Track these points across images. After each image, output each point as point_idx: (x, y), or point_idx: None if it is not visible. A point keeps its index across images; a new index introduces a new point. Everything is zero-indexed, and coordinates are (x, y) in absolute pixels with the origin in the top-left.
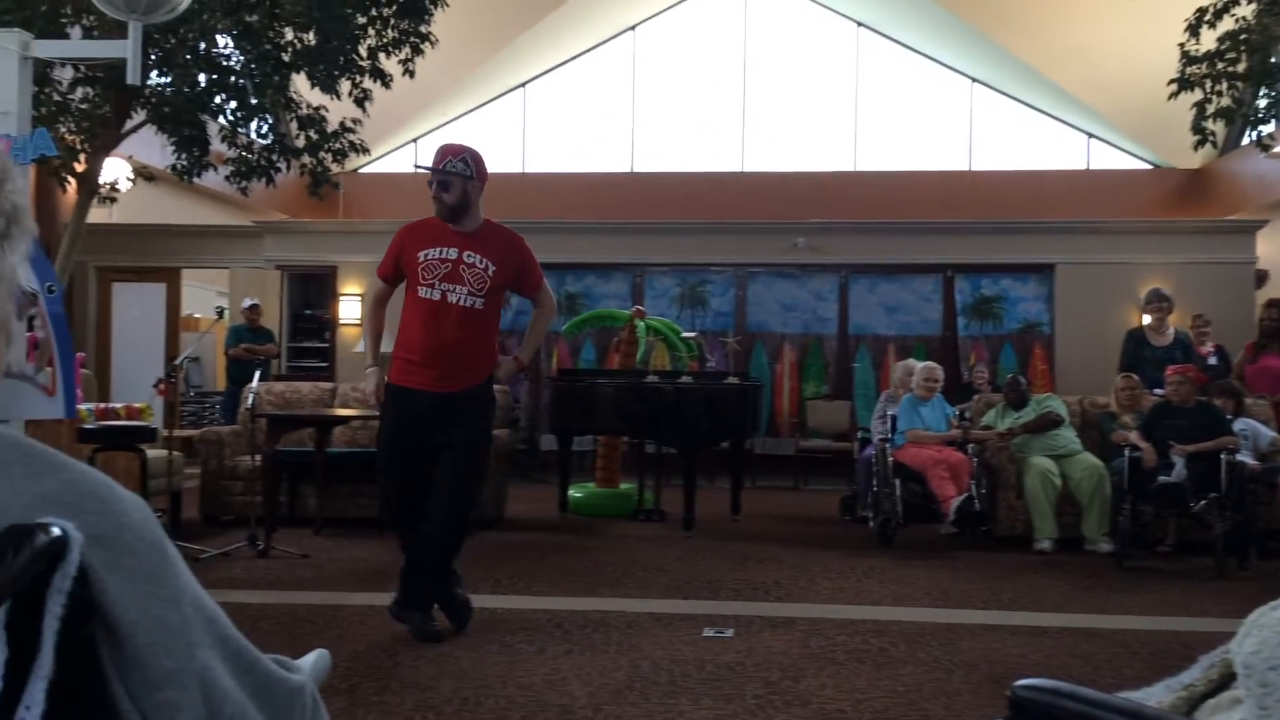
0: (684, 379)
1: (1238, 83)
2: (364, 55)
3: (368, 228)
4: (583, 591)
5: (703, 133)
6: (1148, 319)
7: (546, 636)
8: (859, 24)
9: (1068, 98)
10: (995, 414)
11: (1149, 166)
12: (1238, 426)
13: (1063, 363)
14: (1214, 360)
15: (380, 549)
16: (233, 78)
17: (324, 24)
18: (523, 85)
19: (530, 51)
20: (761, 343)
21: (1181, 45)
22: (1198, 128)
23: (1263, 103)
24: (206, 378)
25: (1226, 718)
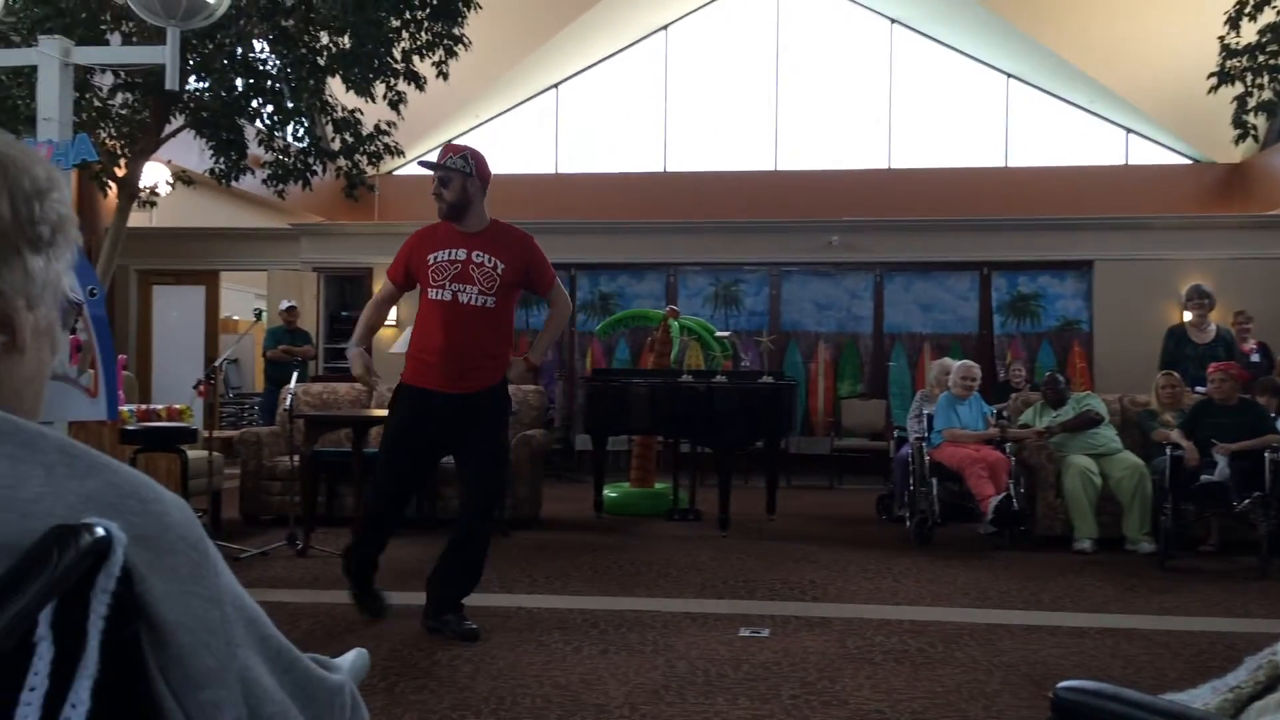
0: (718, 378)
1: (1279, 75)
2: (398, 58)
3: (402, 229)
4: (618, 591)
5: (735, 131)
6: (1189, 316)
7: (583, 636)
8: (892, 20)
9: (1105, 92)
10: (1033, 412)
11: (1188, 161)
12: None
13: (1102, 360)
14: (1257, 357)
15: (417, 548)
16: (269, 82)
17: (358, 27)
18: (555, 86)
19: (563, 52)
20: (796, 341)
21: (1221, 38)
22: (1238, 121)
23: None
24: (245, 379)
25: None
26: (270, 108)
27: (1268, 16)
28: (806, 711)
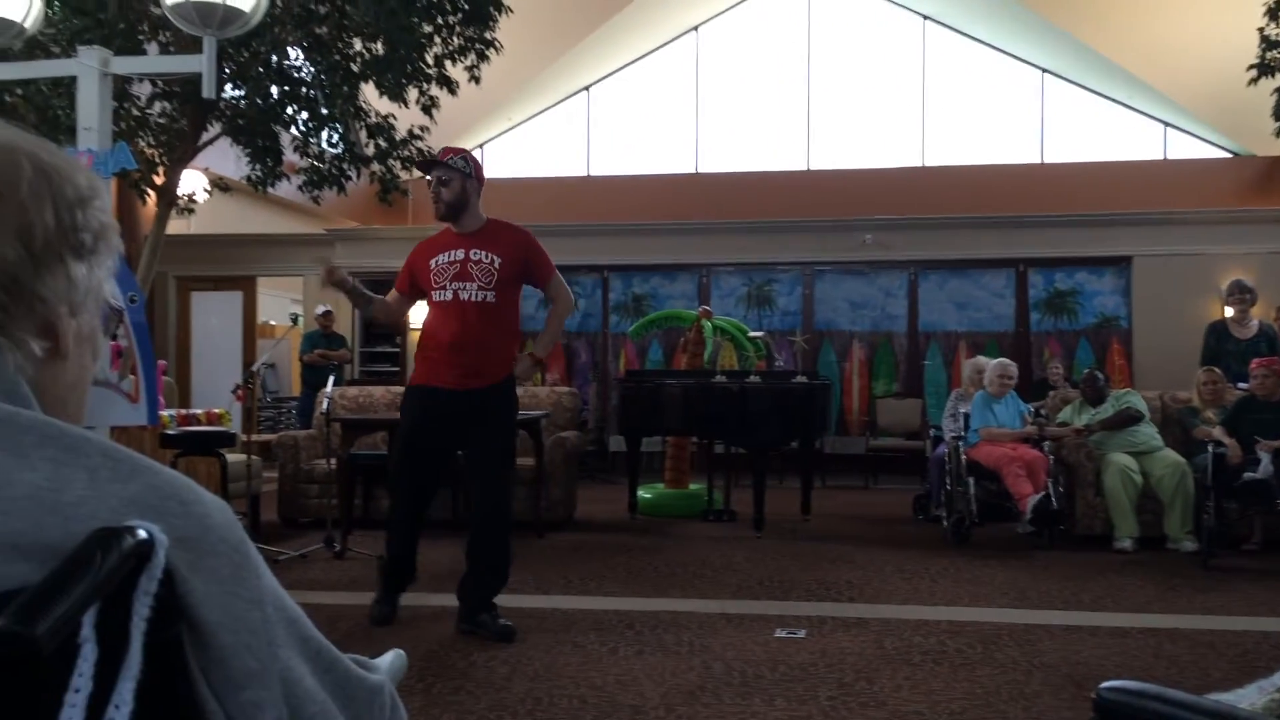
0: (752, 379)
1: None
2: (430, 63)
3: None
4: (653, 592)
5: (768, 131)
6: (1230, 311)
7: (618, 637)
8: (925, 17)
9: (1142, 86)
10: (1072, 410)
11: (1228, 155)
12: None
13: (1141, 357)
14: None
15: (454, 550)
16: (304, 89)
17: (391, 34)
18: (586, 88)
19: (594, 54)
20: (829, 341)
21: (1261, 30)
22: (1279, 114)
23: None
24: (282, 383)
25: None
26: (305, 114)
27: None
28: (844, 713)
